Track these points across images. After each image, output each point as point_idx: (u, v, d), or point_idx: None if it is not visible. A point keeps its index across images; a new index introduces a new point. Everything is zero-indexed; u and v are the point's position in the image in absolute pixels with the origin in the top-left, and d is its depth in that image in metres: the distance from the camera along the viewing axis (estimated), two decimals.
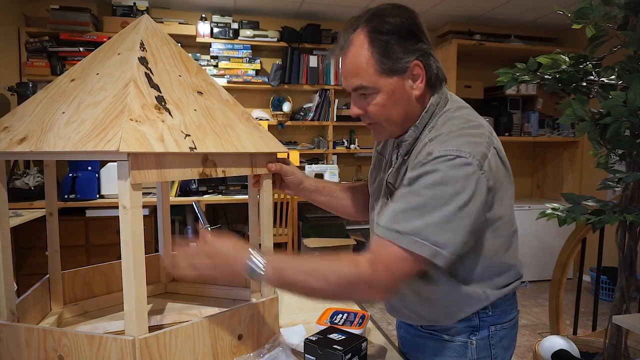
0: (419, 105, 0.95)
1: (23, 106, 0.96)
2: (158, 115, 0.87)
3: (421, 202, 0.83)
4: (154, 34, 1.04)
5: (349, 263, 0.85)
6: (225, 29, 3.97)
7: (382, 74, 0.90)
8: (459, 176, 0.82)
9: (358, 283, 0.84)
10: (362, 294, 0.88)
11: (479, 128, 0.91)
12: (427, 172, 0.84)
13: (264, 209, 1.07)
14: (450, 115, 0.94)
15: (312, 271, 0.86)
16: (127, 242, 0.79)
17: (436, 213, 0.82)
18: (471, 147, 0.85)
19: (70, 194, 3.26)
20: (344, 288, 0.85)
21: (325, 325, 1.08)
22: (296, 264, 0.88)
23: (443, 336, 1.01)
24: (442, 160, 0.83)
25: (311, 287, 0.86)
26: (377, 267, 0.83)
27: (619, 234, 1.72)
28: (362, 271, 0.83)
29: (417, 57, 0.90)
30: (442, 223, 0.81)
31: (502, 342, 1.02)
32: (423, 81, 0.92)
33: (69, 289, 1.18)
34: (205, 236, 0.92)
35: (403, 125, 0.97)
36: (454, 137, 0.87)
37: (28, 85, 3.20)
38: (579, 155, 4.46)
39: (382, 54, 0.89)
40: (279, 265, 0.87)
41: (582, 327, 3.06)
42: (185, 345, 0.89)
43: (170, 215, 1.37)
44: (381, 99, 0.92)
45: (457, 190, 0.82)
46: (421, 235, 0.81)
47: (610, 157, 1.69)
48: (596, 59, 1.64)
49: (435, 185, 0.82)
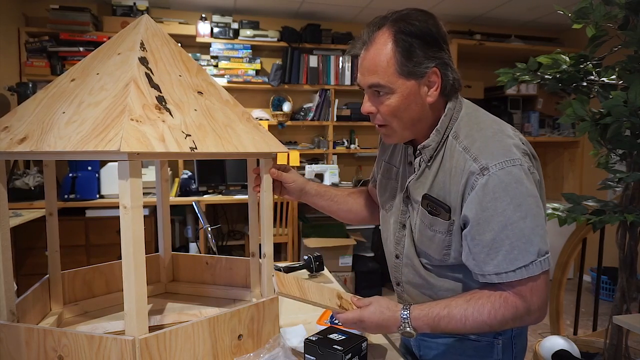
0: (430, 112, 0.96)
1: (23, 106, 0.96)
2: (159, 115, 0.87)
3: (511, 227, 0.85)
4: (154, 33, 1.04)
5: (502, 304, 0.88)
6: (225, 29, 3.97)
7: (401, 75, 0.90)
8: (524, 179, 0.85)
9: (521, 316, 0.88)
10: (524, 323, 0.92)
11: (502, 125, 0.94)
12: (496, 189, 0.85)
13: (264, 209, 1.06)
14: (473, 119, 0.96)
15: (467, 320, 0.89)
16: (127, 242, 0.79)
17: (531, 227, 0.85)
18: (514, 149, 0.88)
19: (70, 194, 3.26)
20: (509, 324, 0.90)
21: (325, 325, 1.08)
22: (444, 316, 0.90)
23: (469, 336, 1.02)
24: (502, 170, 0.85)
25: (471, 332, 0.95)
26: (529, 300, 0.87)
27: (619, 234, 1.71)
28: (519, 307, 0.87)
29: (436, 64, 0.91)
30: (538, 231, 0.86)
31: (521, 340, 1.05)
32: (438, 89, 0.93)
33: (69, 289, 1.18)
34: (361, 317, 0.94)
35: (413, 130, 0.97)
36: (497, 141, 0.89)
37: (28, 85, 3.19)
38: (579, 155, 4.46)
39: (404, 56, 0.89)
40: (429, 323, 0.91)
41: (582, 327, 3.06)
42: (185, 345, 0.89)
43: (170, 215, 1.37)
44: (395, 100, 0.92)
45: (529, 192, 0.86)
46: (534, 256, 0.85)
47: (611, 157, 1.68)
48: (596, 58, 1.64)
49: (513, 201, 0.85)
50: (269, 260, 1.07)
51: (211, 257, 1.33)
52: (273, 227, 1.21)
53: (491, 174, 0.85)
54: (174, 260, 1.37)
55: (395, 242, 1.08)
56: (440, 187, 0.94)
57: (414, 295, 1.06)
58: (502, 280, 0.86)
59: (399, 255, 1.07)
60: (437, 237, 0.95)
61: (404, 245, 1.05)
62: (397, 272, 1.09)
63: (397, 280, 1.11)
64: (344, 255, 3.71)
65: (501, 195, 0.84)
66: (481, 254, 0.87)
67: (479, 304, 0.88)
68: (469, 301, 0.90)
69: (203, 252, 3.44)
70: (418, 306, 0.93)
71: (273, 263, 1.11)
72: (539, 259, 0.85)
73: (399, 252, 1.07)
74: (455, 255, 0.95)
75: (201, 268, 1.34)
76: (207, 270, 1.34)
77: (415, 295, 1.06)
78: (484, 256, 0.87)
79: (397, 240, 1.07)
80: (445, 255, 0.96)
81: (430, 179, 0.96)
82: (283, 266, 1.58)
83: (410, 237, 1.03)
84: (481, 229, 0.86)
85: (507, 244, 0.85)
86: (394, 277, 1.11)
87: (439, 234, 0.95)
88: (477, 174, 0.86)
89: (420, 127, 0.97)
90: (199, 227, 3.64)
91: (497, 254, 0.85)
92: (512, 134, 0.92)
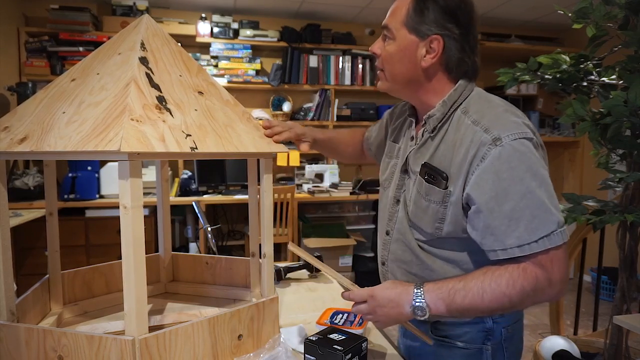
0: (424, 78, 0.97)
1: (23, 106, 0.96)
2: (159, 115, 0.87)
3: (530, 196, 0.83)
4: (154, 33, 1.04)
5: (521, 274, 0.85)
6: (225, 29, 3.97)
7: (405, 26, 0.95)
8: (535, 152, 0.86)
9: (542, 288, 0.85)
10: (545, 297, 0.87)
11: (514, 108, 0.94)
12: (511, 158, 0.84)
13: (264, 209, 1.06)
14: (484, 98, 0.96)
15: (484, 293, 0.85)
16: (127, 242, 0.79)
17: (547, 197, 0.84)
18: (525, 126, 0.87)
19: (70, 194, 3.25)
20: (530, 298, 0.86)
21: (325, 325, 1.08)
22: (460, 289, 0.87)
23: (457, 343, 0.99)
24: (515, 140, 0.84)
25: (490, 308, 0.86)
26: (549, 270, 0.84)
27: (619, 234, 1.71)
28: (539, 277, 0.84)
29: (442, 34, 0.93)
30: (553, 202, 0.86)
31: (513, 344, 1.02)
32: (435, 58, 0.94)
33: (68, 289, 1.18)
34: (372, 292, 0.93)
35: (403, 87, 1.00)
36: (508, 117, 0.88)
37: (28, 85, 3.20)
38: (579, 155, 4.46)
39: (415, 10, 0.94)
40: (444, 297, 0.87)
41: (582, 327, 3.06)
42: (185, 345, 0.89)
43: (170, 215, 1.37)
44: (393, 47, 0.97)
45: (542, 165, 0.86)
46: (554, 226, 0.84)
47: (611, 157, 1.68)
48: (597, 58, 1.64)
49: (529, 170, 0.84)
50: (269, 260, 1.07)
51: (211, 257, 1.33)
52: (273, 227, 1.21)
53: (504, 144, 0.84)
54: (174, 260, 1.37)
55: (388, 218, 1.07)
56: (442, 157, 0.93)
57: (398, 275, 1.03)
58: (524, 253, 0.83)
59: (390, 231, 1.06)
60: (431, 207, 0.93)
61: (396, 221, 1.04)
62: (385, 250, 1.07)
63: (382, 260, 1.09)
64: (344, 256, 3.71)
65: (517, 165, 0.83)
66: (502, 226, 0.84)
67: (496, 275, 0.85)
68: (485, 273, 0.87)
69: (203, 252, 3.44)
70: (431, 282, 0.91)
71: (273, 263, 1.11)
72: (559, 229, 0.83)
73: (390, 227, 1.06)
74: (448, 230, 0.92)
75: (201, 268, 1.34)
76: (207, 270, 1.34)
77: (400, 276, 1.03)
78: (505, 228, 0.84)
79: (390, 215, 1.07)
80: (438, 229, 0.93)
81: (431, 149, 0.96)
82: (283, 266, 1.58)
83: (404, 211, 1.02)
84: (500, 200, 0.84)
85: (528, 214, 0.83)
86: (380, 256, 1.10)
87: (433, 204, 0.93)
88: (489, 144, 0.85)
89: (412, 90, 1.00)
90: (199, 227, 3.64)
91: (519, 225, 0.83)
92: (523, 117, 0.92)
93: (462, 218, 0.91)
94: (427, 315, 0.88)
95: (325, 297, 1.41)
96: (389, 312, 0.91)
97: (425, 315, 0.88)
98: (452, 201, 0.91)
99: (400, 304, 0.90)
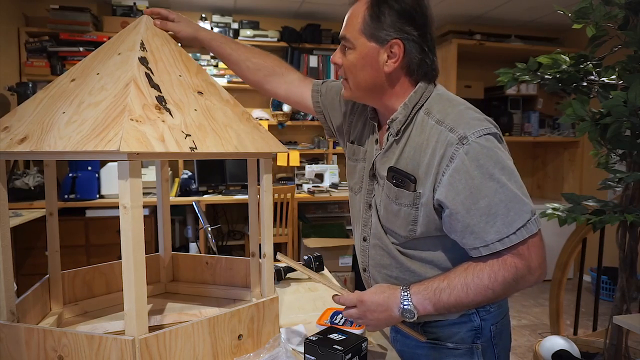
0: (387, 83, 0.97)
1: (23, 106, 0.96)
2: (158, 115, 0.87)
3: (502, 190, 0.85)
4: (154, 33, 1.04)
5: (501, 266, 0.87)
6: (225, 29, 3.97)
7: (363, 34, 0.94)
8: (500, 146, 0.88)
9: (523, 276, 0.87)
10: (526, 283, 0.89)
11: (473, 106, 0.96)
12: (479, 155, 0.85)
13: (264, 209, 1.06)
14: (445, 98, 0.97)
15: (468, 288, 0.88)
16: (127, 242, 0.79)
17: (517, 188, 0.86)
18: (487, 122, 0.90)
19: (70, 194, 3.26)
20: (512, 287, 0.88)
21: (325, 325, 1.08)
22: (444, 287, 0.89)
23: (447, 344, 1.00)
24: (480, 137, 0.86)
25: (476, 302, 0.89)
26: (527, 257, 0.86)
27: (619, 234, 1.71)
28: (518, 266, 0.86)
29: (401, 37, 0.92)
30: (524, 191, 0.87)
31: (502, 340, 1.03)
32: (397, 62, 0.94)
33: (69, 289, 1.18)
34: (361, 297, 0.94)
35: (367, 94, 1.00)
36: (470, 114, 0.91)
37: (28, 85, 3.19)
38: (579, 155, 4.46)
39: (371, 17, 0.93)
40: (430, 297, 0.90)
41: (582, 327, 3.06)
42: (185, 345, 0.89)
43: (170, 215, 1.37)
44: (354, 56, 0.97)
45: (508, 157, 0.88)
46: (529, 215, 0.85)
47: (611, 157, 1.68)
48: (597, 58, 1.64)
49: (497, 165, 0.86)
50: (269, 260, 1.08)
51: (211, 257, 1.33)
52: (273, 227, 1.21)
53: (471, 142, 0.85)
54: (174, 260, 1.38)
55: (363, 224, 1.07)
56: (408, 160, 0.94)
57: (380, 280, 1.04)
58: (505, 246, 0.85)
59: (367, 237, 1.06)
60: (403, 210, 0.94)
61: (371, 226, 1.04)
62: (364, 256, 1.08)
63: (363, 266, 1.09)
64: (343, 256, 3.71)
65: (486, 161, 0.85)
66: (480, 223, 0.86)
67: (477, 269, 0.88)
68: (466, 269, 0.89)
69: (203, 252, 3.44)
70: (416, 283, 0.93)
71: (273, 263, 1.11)
72: (532, 217, 0.85)
73: (366, 234, 1.06)
74: (421, 230, 0.94)
75: (201, 268, 1.34)
76: (207, 270, 1.34)
77: (382, 281, 1.04)
78: (484, 224, 0.86)
79: (364, 221, 1.07)
80: (411, 231, 0.95)
81: (397, 153, 0.96)
82: (283, 266, 1.58)
83: (376, 216, 1.02)
84: (474, 198, 0.85)
85: (503, 207, 0.84)
86: (360, 263, 1.10)
87: (404, 207, 0.94)
88: (456, 144, 0.86)
89: (376, 96, 0.99)
90: (199, 227, 3.64)
91: (496, 220, 0.85)
92: (482, 114, 0.95)
93: (434, 218, 0.92)
94: (416, 317, 0.90)
95: (325, 297, 1.41)
96: (379, 316, 0.93)
97: (413, 318, 0.90)
98: (422, 202, 0.92)
99: (389, 308, 0.92)
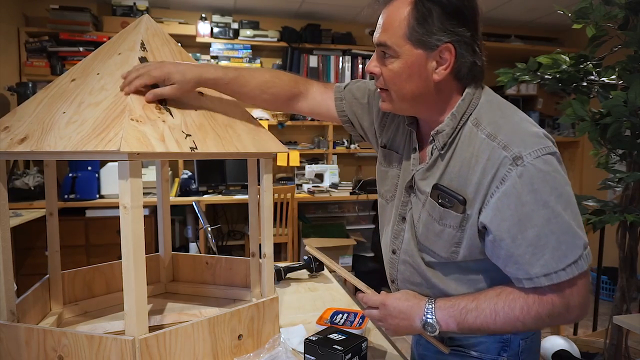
0: (435, 92, 0.87)
1: (23, 106, 0.96)
2: (159, 115, 0.87)
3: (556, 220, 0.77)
4: (154, 33, 1.04)
5: (537, 300, 0.80)
6: (225, 29, 3.97)
7: (409, 41, 0.83)
8: (560, 169, 0.79)
9: (559, 313, 0.81)
10: (562, 321, 0.84)
11: (526, 116, 0.87)
12: (534, 180, 0.77)
13: (264, 209, 1.06)
14: (495, 106, 0.88)
15: (497, 316, 0.82)
16: (127, 242, 0.79)
17: (573, 218, 0.78)
18: (544, 137, 0.81)
19: (70, 194, 3.25)
20: (544, 322, 0.83)
21: (325, 325, 1.08)
22: (472, 309, 0.84)
23: (471, 352, 0.95)
24: (538, 158, 0.77)
25: (503, 330, 0.84)
26: (568, 295, 0.80)
27: (619, 234, 1.72)
28: (555, 304, 0.80)
29: (452, 40, 0.82)
30: (579, 222, 0.79)
31: (530, 355, 0.97)
32: (448, 69, 0.84)
33: (69, 289, 1.18)
34: (385, 301, 0.92)
35: (412, 105, 0.90)
36: (526, 128, 0.81)
37: (28, 85, 3.19)
38: (579, 155, 4.46)
39: (418, 20, 0.82)
40: (455, 315, 0.85)
41: (582, 327, 3.06)
42: (185, 345, 0.89)
43: (170, 215, 1.37)
44: (397, 65, 0.85)
45: (566, 181, 0.79)
46: (581, 250, 0.78)
47: (611, 157, 1.69)
48: (596, 58, 1.64)
49: (554, 192, 0.77)
50: (269, 260, 1.07)
51: (211, 257, 1.33)
52: (273, 227, 1.21)
53: (526, 163, 0.76)
54: (174, 260, 1.37)
55: (394, 236, 0.99)
56: (454, 177, 0.85)
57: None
58: (551, 282, 0.77)
59: (396, 250, 0.99)
60: (447, 232, 0.86)
61: (403, 240, 0.97)
62: (393, 269, 1.01)
63: (392, 278, 1.03)
64: (344, 256, 3.71)
65: (541, 186, 0.76)
66: (526, 254, 0.78)
67: (510, 299, 0.81)
68: (499, 295, 0.83)
69: (203, 252, 3.44)
70: (443, 298, 0.88)
71: (273, 263, 1.11)
72: (584, 252, 0.78)
73: (396, 247, 0.99)
74: (465, 254, 0.86)
75: (201, 268, 1.34)
76: (207, 270, 1.34)
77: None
78: (529, 257, 0.78)
79: (395, 233, 0.99)
80: (454, 253, 0.87)
81: (441, 168, 0.87)
82: (283, 266, 1.58)
83: (410, 232, 0.94)
84: (523, 227, 0.77)
85: (554, 240, 0.76)
86: (389, 274, 1.04)
87: (449, 228, 0.86)
88: (509, 165, 0.77)
89: (422, 106, 0.90)
90: (199, 227, 3.64)
91: (544, 253, 0.77)
92: (537, 126, 0.85)
93: (477, 241, 0.85)
94: (437, 332, 0.86)
95: (325, 297, 1.41)
96: (400, 323, 0.90)
97: (435, 332, 0.86)
98: (469, 225, 0.84)
99: (410, 317, 0.88)
